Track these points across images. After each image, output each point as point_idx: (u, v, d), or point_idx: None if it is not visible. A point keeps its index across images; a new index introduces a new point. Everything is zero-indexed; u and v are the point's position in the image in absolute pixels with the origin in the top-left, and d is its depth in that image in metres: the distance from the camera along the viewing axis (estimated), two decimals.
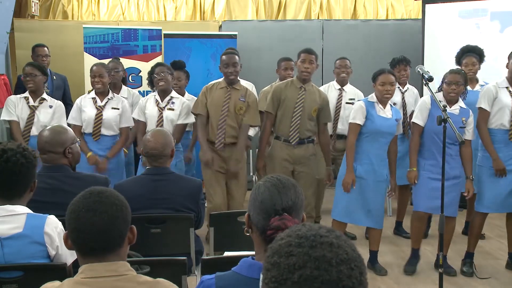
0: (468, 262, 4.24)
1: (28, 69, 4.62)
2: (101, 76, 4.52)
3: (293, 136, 4.37)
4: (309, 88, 4.43)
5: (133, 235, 1.68)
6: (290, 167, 4.37)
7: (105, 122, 4.50)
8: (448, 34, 6.74)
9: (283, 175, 1.73)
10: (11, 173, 2.18)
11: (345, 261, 0.97)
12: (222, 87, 4.48)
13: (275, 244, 1.03)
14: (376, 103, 4.13)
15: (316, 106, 4.39)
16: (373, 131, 4.10)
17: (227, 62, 4.41)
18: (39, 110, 4.58)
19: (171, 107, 4.54)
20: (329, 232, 1.03)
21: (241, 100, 4.45)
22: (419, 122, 4.14)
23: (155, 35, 6.72)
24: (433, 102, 4.08)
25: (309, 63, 4.37)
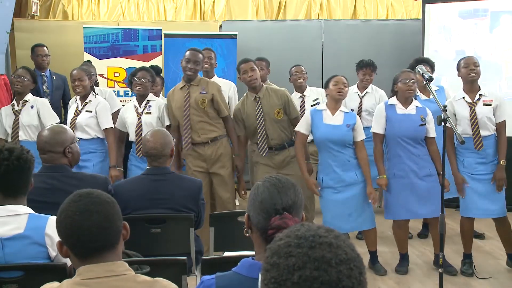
0: (467, 262, 4.24)
1: (21, 71, 4.66)
2: (81, 79, 4.50)
3: (262, 147, 4.36)
4: (264, 93, 4.38)
5: (126, 231, 1.69)
6: (273, 172, 4.34)
7: (78, 125, 4.47)
8: (448, 34, 6.74)
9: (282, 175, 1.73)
10: (21, 170, 2.22)
11: (344, 261, 0.97)
12: (181, 87, 4.46)
13: (274, 245, 1.03)
14: (324, 111, 4.14)
15: (277, 108, 4.35)
16: (321, 139, 4.12)
17: (188, 58, 4.39)
18: (21, 114, 4.59)
19: (148, 111, 4.53)
20: (328, 232, 1.03)
21: (202, 93, 4.41)
22: (378, 131, 4.15)
23: (155, 35, 6.72)
24: (387, 106, 4.14)
25: (252, 71, 4.31)
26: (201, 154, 4.42)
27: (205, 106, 4.39)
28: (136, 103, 4.57)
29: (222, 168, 4.43)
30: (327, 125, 4.09)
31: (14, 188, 2.22)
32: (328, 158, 4.12)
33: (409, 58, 5.99)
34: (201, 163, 4.43)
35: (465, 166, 4.16)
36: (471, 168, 4.13)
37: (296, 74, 5.33)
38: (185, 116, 4.39)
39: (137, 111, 4.53)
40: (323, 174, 4.15)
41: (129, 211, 2.97)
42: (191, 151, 4.43)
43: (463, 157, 4.17)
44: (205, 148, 4.40)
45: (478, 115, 4.06)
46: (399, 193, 4.11)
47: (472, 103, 4.10)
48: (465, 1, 6.63)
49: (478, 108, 4.08)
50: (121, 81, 6.47)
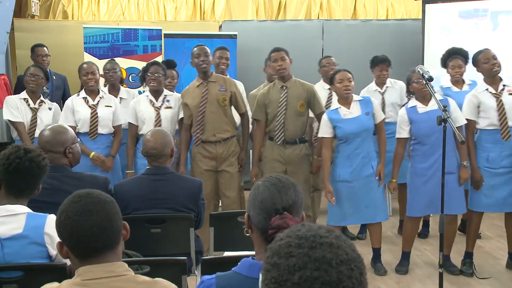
0: (468, 262, 4.24)
1: (33, 69, 4.64)
2: (93, 73, 4.49)
3: (278, 136, 4.38)
4: (291, 84, 4.41)
5: (126, 232, 1.69)
6: (282, 167, 4.36)
7: (101, 120, 4.47)
8: (448, 34, 6.74)
9: (283, 175, 1.73)
10: (32, 173, 2.23)
11: (345, 261, 0.97)
12: (198, 85, 4.42)
13: (274, 245, 1.03)
14: (339, 109, 4.14)
15: (301, 101, 4.38)
16: (346, 135, 4.11)
17: (198, 53, 4.35)
18: (40, 112, 4.61)
19: (168, 105, 4.50)
20: (328, 232, 1.03)
21: (222, 91, 4.40)
22: (402, 136, 4.16)
23: (155, 35, 6.72)
24: (408, 109, 4.12)
25: (282, 60, 4.35)
26: (212, 153, 4.39)
27: (226, 104, 4.41)
28: (151, 97, 4.52)
29: (230, 166, 4.43)
30: (348, 120, 4.10)
31: (19, 189, 2.23)
32: (348, 151, 4.12)
33: (409, 58, 6.02)
34: (210, 161, 4.40)
35: (490, 161, 4.13)
36: (495, 163, 4.10)
37: (327, 65, 5.33)
38: (200, 113, 4.36)
39: (153, 106, 4.49)
40: (340, 168, 4.14)
41: (129, 211, 2.97)
42: (201, 150, 4.39)
43: (487, 152, 4.14)
44: (217, 147, 4.39)
45: (505, 105, 4.05)
46: (421, 191, 4.07)
47: (497, 94, 4.10)
48: (465, 1, 6.64)
49: (504, 98, 4.08)
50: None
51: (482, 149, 4.17)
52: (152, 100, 4.51)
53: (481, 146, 4.18)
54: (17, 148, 2.25)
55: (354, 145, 4.12)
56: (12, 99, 4.63)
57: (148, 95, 4.55)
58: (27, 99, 4.60)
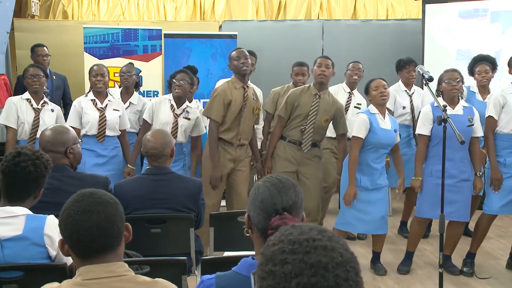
0: (469, 262, 4.24)
1: (33, 70, 4.59)
2: (103, 75, 4.50)
3: (306, 143, 4.37)
4: (324, 96, 4.38)
5: (128, 233, 1.69)
6: (293, 167, 4.37)
7: (109, 123, 4.48)
8: (448, 34, 6.74)
9: (283, 175, 1.73)
10: (17, 177, 2.21)
11: (340, 264, 0.97)
12: (238, 87, 4.32)
13: (267, 251, 1.02)
14: (377, 115, 4.10)
15: (327, 116, 4.37)
16: (375, 144, 4.07)
17: (238, 55, 4.28)
18: (43, 113, 4.56)
19: (186, 116, 4.49)
20: (320, 234, 1.01)
21: (254, 100, 4.43)
22: (424, 133, 4.10)
23: (155, 35, 6.72)
24: (434, 107, 4.05)
25: (326, 67, 4.35)
26: (232, 155, 4.36)
27: (257, 113, 4.44)
28: (173, 102, 4.50)
29: (244, 167, 4.44)
30: (383, 130, 4.07)
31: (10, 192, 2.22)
32: (370, 159, 4.09)
33: None
34: (229, 164, 4.37)
35: (507, 165, 4.12)
36: (511, 167, 4.11)
37: (352, 70, 5.32)
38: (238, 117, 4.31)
39: (174, 112, 4.48)
40: (361, 174, 4.09)
41: (129, 211, 2.97)
42: (223, 152, 4.34)
43: (503, 157, 4.13)
44: (237, 149, 4.37)
45: None
46: (433, 193, 4.02)
47: None
48: (465, 1, 6.64)
49: None
50: None
51: (498, 154, 4.15)
52: (174, 106, 4.49)
53: (497, 152, 4.16)
54: (13, 152, 2.24)
55: (377, 155, 4.10)
56: (13, 102, 4.56)
57: (171, 99, 4.53)
58: (30, 100, 4.56)
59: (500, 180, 4.12)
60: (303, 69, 5.18)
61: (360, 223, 4.16)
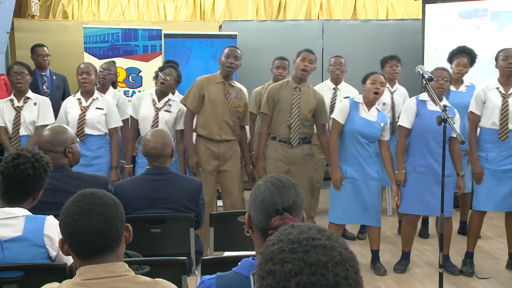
0: (468, 262, 4.25)
1: (18, 67, 4.55)
2: (88, 73, 4.45)
3: (294, 137, 4.37)
4: (304, 89, 4.41)
5: (129, 234, 1.68)
6: (285, 167, 4.36)
7: (88, 122, 4.41)
8: (448, 34, 6.74)
9: (283, 175, 1.73)
10: (16, 179, 2.21)
11: (340, 262, 0.97)
12: (218, 82, 4.40)
13: (267, 250, 1.02)
14: (361, 104, 4.14)
15: (310, 107, 4.38)
16: (353, 132, 4.10)
17: (228, 53, 4.34)
18: (24, 110, 4.52)
19: (168, 109, 4.48)
20: (320, 233, 1.02)
21: (238, 98, 4.42)
22: (405, 125, 4.15)
23: (155, 35, 6.72)
24: (419, 102, 4.13)
25: (309, 62, 4.36)
26: (214, 152, 4.37)
27: (239, 111, 4.42)
28: (154, 96, 4.51)
29: (232, 166, 4.42)
30: (363, 119, 4.10)
31: (9, 193, 2.22)
32: (355, 150, 4.13)
33: (409, 58, 6.02)
34: (213, 161, 4.38)
35: (489, 161, 4.14)
36: (495, 162, 4.12)
37: (334, 65, 5.32)
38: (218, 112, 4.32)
39: (155, 105, 4.48)
40: (348, 165, 4.14)
41: (129, 211, 2.97)
42: (203, 148, 4.38)
43: (486, 152, 4.15)
44: (220, 146, 4.37)
45: (509, 107, 4.06)
46: (416, 189, 4.09)
47: (506, 95, 4.11)
48: (465, 1, 6.64)
49: (510, 100, 4.08)
50: (121, 81, 6.46)
51: (481, 149, 4.18)
52: (155, 100, 4.50)
53: (480, 146, 4.19)
54: (13, 153, 2.25)
55: (360, 145, 4.13)
56: None
57: (152, 93, 4.54)
58: (12, 100, 4.54)
59: (480, 174, 4.14)
60: (284, 63, 5.25)
61: (351, 215, 4.17)
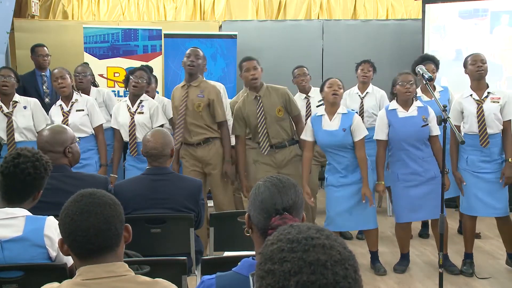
0: (468, 262, 4.24)
1: (5, 71, 4.45)
2: (63, 77, 4.43)
3: (264, 145, 4.33)
4: (264, 93, 4.34)
5: (128, 234, 1.68)
6: (274, 171, 4.32)
7: (72, 126, 4.27)
8: (448, 34, 6.74)
9: (283, 176, 1.73)
10: (16, 179, 2.21)
11: (339, 261, 0.97)
12: (182, 86, 4.45)
13: (266, 250, 1.02)
14: (323, 116, 4.14)
15: (278, 106, 4.33)
16: (322, 145, 4.18)
17: (189, 53, 4.39)
18: (15, 115, 4.39)
19: (140, 111, 4.51)
20: (319, 232, 1.02)
21: (199, 97, 4.38)
22: (381, 138, 4.15)
23: (155, 35, 6.72)
24: (389, 111, 4.12)
25: (254, 69, 4.27)
26: (194, 155, 4.40)
27: (200, 110, 4.36)
28: (128, 102, 4.55)
29: (214, 169, 4.40)
30: (325, 131, 4.11)
31: (10, 193, 2.22)
32: (332, 160, 4.17)
33: (409, 58, 5.99)
34: (196, 163, 4.42)
35: (468, 164, 4.15)
36: (474, 166, 4.13)
37: (298, 76, 5.25)
38: (180, 116, 4.38)
39: (129, 111, 4.51)
40: (329, 174, 4.20)
41: (129, 211, 2.97)
42: (185, 151, 4.42)
43: (466, 154, 4.16)
44: (197, 149, 4.38)
45: (485, 112, 4.05)
46: (404, 196, 4.11)
47: (480, 100, 4.10)
48: (465, 1, 6.64)
49: (485, 105, 4.07)
50: (121, 81, 6.46)
51: (462, 150, 4.19)
52: (129, 105, 4.54)
53: (462, 148, 4.19)
54: (13, 153, 2.25)
55: (331, 155, 4.16)
56: None
57: (126, 100, 4.58)
58: (0, 106, 4.38)
59: (459, 182, 4.18)
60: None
61: (344, 221, 4.16)
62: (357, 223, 4.22)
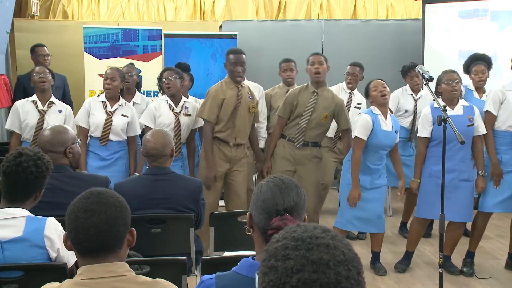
0: (468, 262, 4.24)
1: (40, 68, 4.53)
2: (113, 79, 4.42)
3: (298, 138, 4.36)
4: (323, 93, 4.37)
5: (132, 238, 1.68)
6: (291, 167, 4.36)
7: (114, 128, 4.39)
8: (448, 34, 6.74)
9: (284, 175, 1.73)
10: (18, 177, 2.20)
11: (342, 262, 0.97)
12: (231, 87, 4.32)
13: (271, 247, 1.03)
14: (379, 116, 4.09)
15: (326, 113, 4.34)
16: (376, 145, 4.07)
17: (235, 62, 4.27)
18: (48, 115, 4.44)
19: (187, 113, 4.49)
20: (324, 232, 1.03)
21: (250, 98, 4.41)
22: (424, 135, 4.11)
23: (155, 35, 6.72)
24: (433, 109, 4.06)
25: (319, 64, 4.34)
26: (227, 155, 4.35)
27: (254, 111, 4.40)
28: (170, 102, 4.49)
29: (241, 167, 4.42)
30: (384, 132, 4.06)
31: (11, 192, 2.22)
32: (369, 160, 4.08)
33: (409, 58, 6.01)
34: (224, 164, 4.35)
35: (503, 163, 4.13)
36: (507, 165, 4.11)
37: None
38: (233, 116, 4.29)
39: (173, 111, 4.47)
40: (360, 174, 4.06)
41: None
42: (217, 151, 4.32)
43: (500, 154, 4.14)
44: (233, 149, 4.35)
45: None
46: (433, 193, 4.03)
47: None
48: (465, 1, 6.64)
49: None
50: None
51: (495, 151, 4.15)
52: (172, 105, 4.48)
53: (496, 149, 4.15)
54: (15, 152, 2.25)
55: (377, 156, 4.10)
56: (18, 105, 4.47)
57: (167, 99, 4.51)
58: (35, 101, 4.46)
59: (500, 175, 4.12)
60: (290, 65, 5.27)
61: (359, 222, 4.17)
62: (374, 226, 4.19)
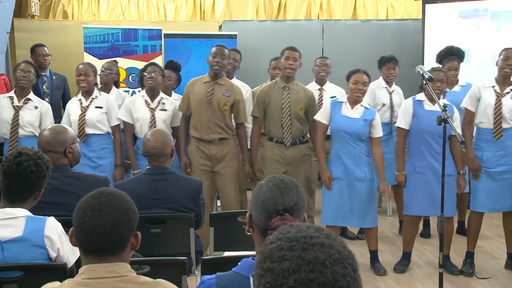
0: (468, 262, 4.24)
1: (25, 65, 4.52)
2: (86, 74, 4.44)
3: (287, 137, 4.37)
4: (293, 87, 4.41)
5: (137, 242, 1.68)
6: (282, 168, 4.34)
7: (88, 122, 4.38)
8: (448, 34, 6.74)
9: (286, 176, 1.73)
10: (19, 177, 2.20)
11: (338, 260, 0.97)
12: (205, 82, 4.39)
13: (265, 249, 1.02)
14: (344, 103, 4.14)
15: (301, 104, 4.37)
16: (336, 130, 4.12)
17: (215, 52, 4.32)
18: (23, 111, 4.44)
19: (163, 108, 4.47)
20: (318, 231, 1.02)
21: (225, 95, 4.38)
22: (403, 126, 4.14)
23: (155, 35, 6.72)
24: (416, 102, 4.12)
25: (293, 60, 4.35)
26: (206, 153, 4.36)
27: (226, 109, 4.37)
28: (146, 97, 4.48)
29: (225, 168, 4.38)
30: (344, 117, 4.10)
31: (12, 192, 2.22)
32: (340, 150, 4.13)
33: (409, 58, 6.02)
34: (205, 161, 4.37)
35: (484, 160, 4.14)
36: (490, 162, 4.12)
37: (320, 66, 5.32)
38: (203, 111, 4.31)
39: (149, 107, 4.46)
40: (333, 166, 4.14)
41: None
42: (196, 148, 4.38)
43: (481, 151, 4.15)
44: (211, 147, 4.35)
45: (503, 106, 4.06)
46: (418, 190, 4.08)
47: (500, 94, 4.11)
48: (465, 1, 6.64)
49: (504, 99, 4.08)
50: (121, 81, 6.46)
51: (477, 148, 4.19)
52: (148, 101, 4.47)
53: (476, 145, 4.19)
54: (14, 152, 2.25)
55: (345, 144, 4.11)
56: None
57: (144, 95, 4.50)
58: (12, 97, 4.47)
59: (478, 169, 4.13)
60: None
61: (343, 216, 4.16)
62: (358, 221, 4.21)
